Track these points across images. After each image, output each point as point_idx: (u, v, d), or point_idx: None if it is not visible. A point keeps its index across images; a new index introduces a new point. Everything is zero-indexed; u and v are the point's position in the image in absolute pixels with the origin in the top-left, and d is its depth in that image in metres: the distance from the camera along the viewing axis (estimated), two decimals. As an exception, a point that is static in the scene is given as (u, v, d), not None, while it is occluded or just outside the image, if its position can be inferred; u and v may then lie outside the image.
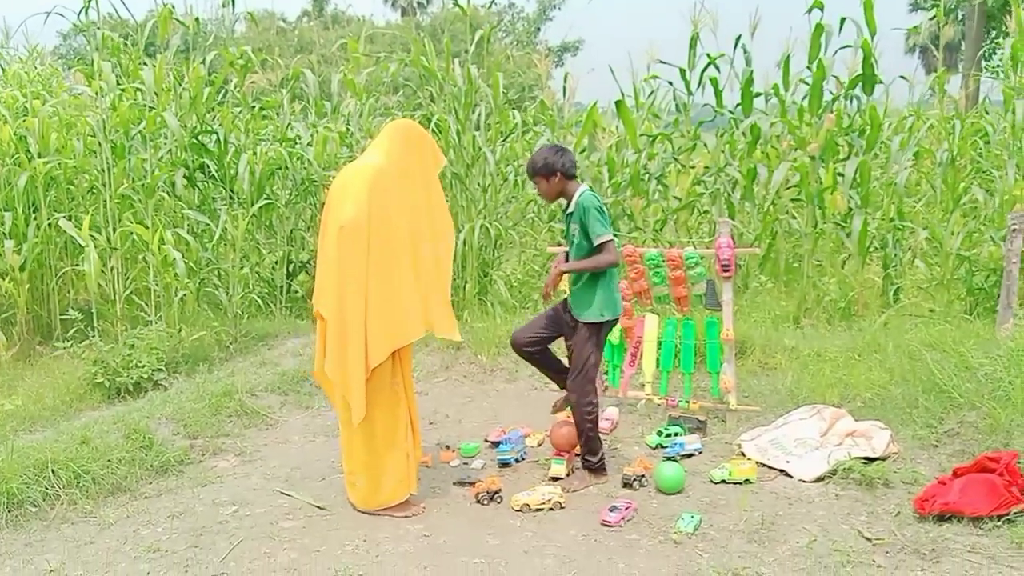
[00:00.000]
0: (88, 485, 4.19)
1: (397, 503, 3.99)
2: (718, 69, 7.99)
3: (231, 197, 7.83)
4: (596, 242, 4.12)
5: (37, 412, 5.42)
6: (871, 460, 4.30)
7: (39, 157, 7.02)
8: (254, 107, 8.80)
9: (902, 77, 9.01)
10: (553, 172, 4.17)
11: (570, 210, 4.23)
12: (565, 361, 4.51)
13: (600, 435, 4.43)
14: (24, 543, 3.74)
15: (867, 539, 3.59)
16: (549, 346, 4.54)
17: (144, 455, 4.55)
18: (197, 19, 8.00)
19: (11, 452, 4.18)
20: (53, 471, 4.14)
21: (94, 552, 3.65)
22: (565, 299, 4.45)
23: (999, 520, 3.56)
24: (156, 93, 7.34)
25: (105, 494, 4.22)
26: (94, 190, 7.46)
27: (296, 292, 8.41)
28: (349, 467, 4.05)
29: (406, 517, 3.97)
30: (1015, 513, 3.55)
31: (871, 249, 7.35)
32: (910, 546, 3.48)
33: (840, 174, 7.32)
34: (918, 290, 7.47)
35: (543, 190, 4.30)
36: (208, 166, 7.77)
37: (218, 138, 7.81)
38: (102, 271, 6.62)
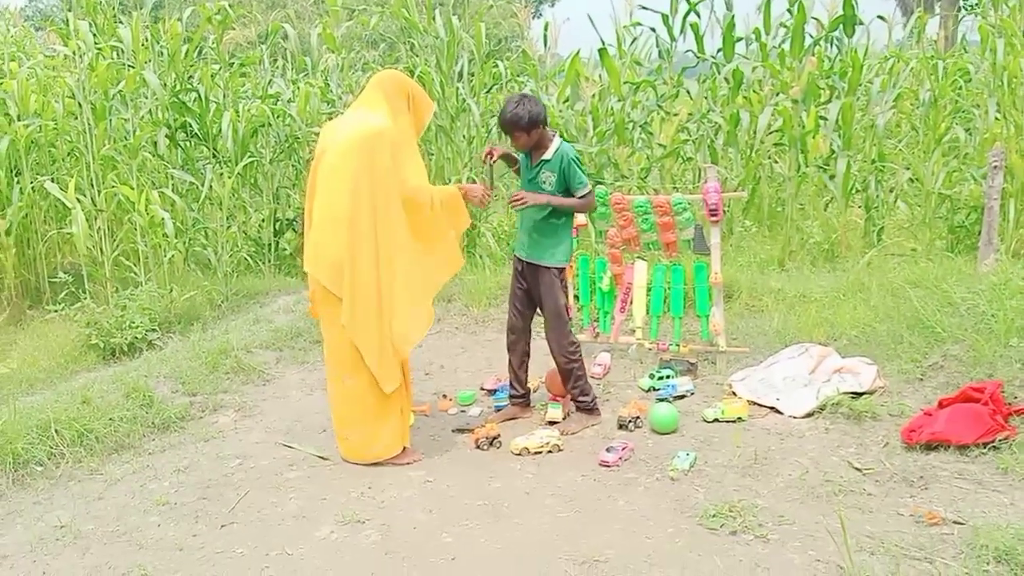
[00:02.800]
0: (92, 443, 4.25)
1: (390, 456, 4.06)
2: (698, 15, 7.96)
3: (215, 156, 7.77)
4: (579, 193, 4.24)
5: (33, 375, 5.45)
6: (859, 395, 4.42)
7: (19, 120, 6.92)
8: (232, 64, 8.68)
9: (880, 18, 9.03)
10: (538, 124, 4.12)
11: (547, 157, 4.20)
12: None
13: (589, 376, 4.56)
14: (32, 501, 3.79)
15: (857, 469, 3.71)
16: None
17: (145, 413, 4.60)
18: (171, -26, 7.85)
19: (14, 413, 4.22)
20: (56, 431, 4.18)
21: (103, 507, 3.71)
22: (516, 262, 4.48)
23: (985, 447, 3.69)
24: (134, 52, 7.22)
25: (109, 451, 4.28)
26: (75, 152, 7.38)
27: (284, 250, 8.41)
28: (340, 422, 4.09)
29: (407, 464, 4.05)
30: (1000, 440, 3.69)
31: (853, 191, 7.43)
32: (899, 474, 3.61)
33: (823, 117, 7.36)
34: (900, 230, 7.58)
35: (524, 142, 4.18)
36: (190, 125, 7.70)
37: (199, 96, 7.72)
38: (89, 233, 6.59)
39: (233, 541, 3.37)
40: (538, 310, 4.51)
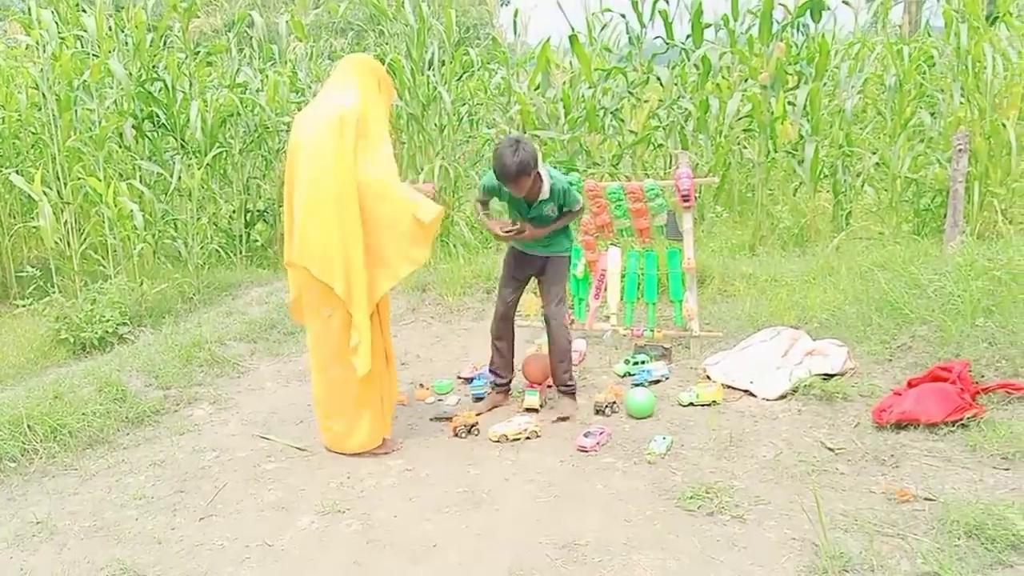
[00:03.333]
0: (66, 439, 4.20)
1: (372, 447, 4.06)
2: (667, 2, 7.99)
3: (183, 146, 7.68)
4: (574, 209, 4.40)
5: (2, 371, 5.38)
6: (830, 376, 4.50)
7: (-19, 112, 6.79)
8: (199, 53, 8.56)
9: (845, 2, 9.14)
10: (534, 168, 4.07)
11: (544, 197, 4.21)
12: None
13: None
14: (7, 498, 3.75)
15: (830, 449, 3.78)
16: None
17: (119, 407, 4.56)
18: (134, -38, 7.72)
19: (-16, 410, 4.16)
20: (29, 426, 4.13)
21: (79, 502, 3.68)
22: (515, 252, 4.53)
23: (953, 425, 3.77)
24: (98, 41, 7.10)
25: (83, 446, 4.24)
26: (40, 143, 7.25)
27: (255, 241, 8.34)
28: (324, 412, 4.08)
29: (384, 453, 4.06)
30: (968, 418, 3.77)
31: (822, 176, 7.53)
32: (870, 453, 3.68)
33: (791, 103, 7.45)
34: (868, 214, 7.70)
35: (524, 187, 4.08)
36: (157, 115, 7.59)
37: (165, 86, 7.61)
38: (56, 226, 6.48)
39: (212, 533, 3.36)
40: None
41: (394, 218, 3.84)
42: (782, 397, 4.44)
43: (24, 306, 6.11)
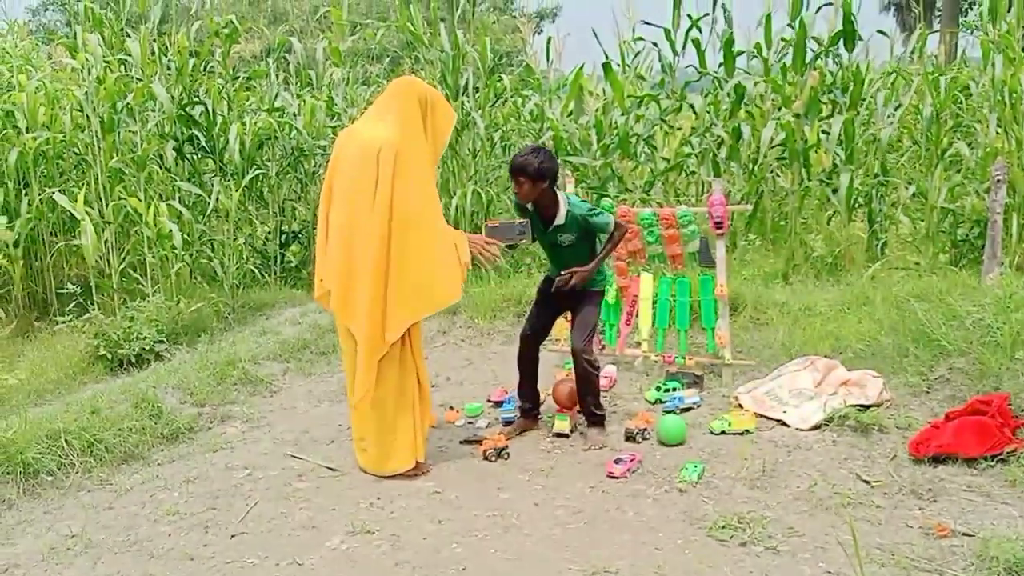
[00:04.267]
0: (101, 453, 4.26)
1: (407, 469, 4.07)
2: (700, 30, 8.03)
3: (221, 169, 7.82)
4: (608, 231, 4.32)
5: (41, 385, 5.46)
6: (865, 408, 4.44)
7: (27, 132, 6.97)
8: (239, 78, 8.75)
9: (880, 32, 9.14)
10: (544, 178, 4.08)
11: (559, 223, 4.21)
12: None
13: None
14: (43, 511, 3.80)
15: (865, 481, 3.73)
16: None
17: (154, 424, 4.62)
18: (177, -11, 7.92)
19: (24, 423, 4.23)
20: (66, 441, 4.19)
21: (113, 517, 3.72)
22: (548, 282, 4.50)
23: (992, 460, 3.70)
24: (142, 65, 7.28)
25: (119, 462, 4.29)
26: (83, 164, 7.43)
27: (290, 262, 8.44)
28: (359, 433, 4.09)
29: (415, 476, 4.06)
30: (1008, 453, 3.70)
31: (856, 205, 7.47)
32: (907, 487, 3.62)
33: (825, 132, 7.41)
34: (904, 244, 7.61)
35: (525, 191, 4.11)
36: (197, 138, 7.75)
37: (205, 109, 7.77)
38: (97, 245, 6.61)
39: (243, 551, 3.38)
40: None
41: (431, 255, 3.86)
42: (816, 427, 4.39)
43: (64, 322, 6.23)
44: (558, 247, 4.35)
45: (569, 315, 4.64)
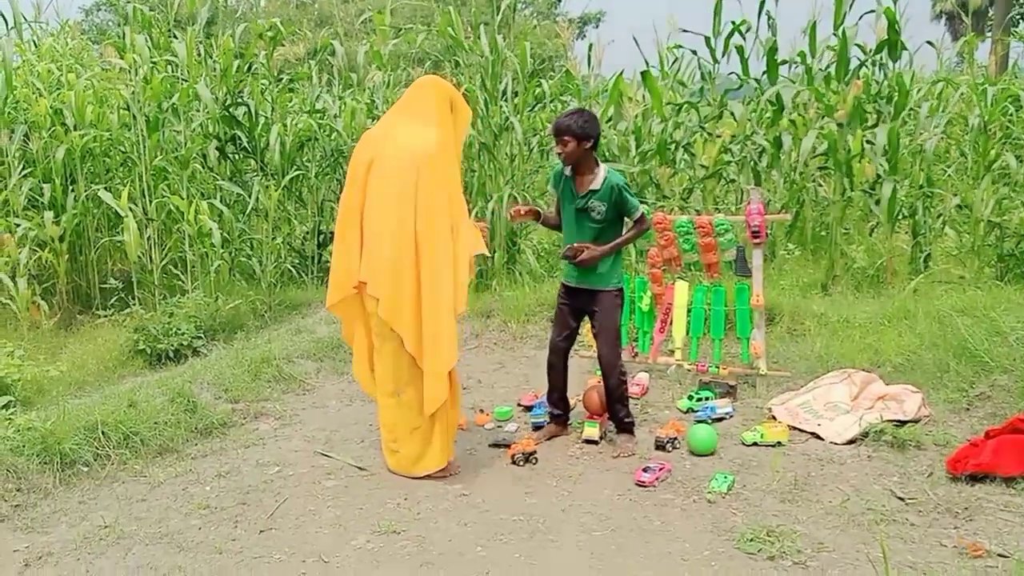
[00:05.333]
0: (137, 446, 4.33)
1: (437, 470, 4.08)
2: (743, 37, 7.95)
3: (262, 168, 7.93)
4: (634, 217, 4.26)
5: (82, 377, 5.59)
6: (902, 423, 4.35)
7: (75, 130, 7.13)
8: (281, 79, 8.86)
9: (928, 43, 8.97)
10: (588, 138, 4.12)
11: (595, 187, 4.18)
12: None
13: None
14: (78, 500, 3.87)
15: (900, 498, 3.65)
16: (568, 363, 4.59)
17: (189, 418, 4.68)
18: (225, -9, 8.07)
19: (62, 414, 4.32)
20: (103, 432, 4.27)
21: (146, 509, 3.78)
22: (565, 286, 4.47)
23: (1031, 480, 3.61)
24: (188, 66, 7.42)
25: (153, 454, 4.36)
26: (128, 162, 7.59)
27: (326, 262, 8.51)
28: (391, 435, 4.10)
29: (443, 477, 4.07)
30: (1048, 473, 3.60)
31: (900, 216, 7.33)
32: (943, 505, 3.54)
33: (869, 141, 7.29)
34: (948, 257, 7.45)
35: (569, 150, 4.12)
36: (239, 138, 7.87)
37: (248, 110, 7.89)
38: (140, 242, 6.75)
39: (271, 547, 3.42)
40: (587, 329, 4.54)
41: (456, 258, 3.89)
42: (851, 442, 4.31)
43: (106, 316, 6.37)
44: (583, 222, 4.24)
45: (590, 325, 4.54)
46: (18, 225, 6.63)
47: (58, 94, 7.31)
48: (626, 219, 4.33)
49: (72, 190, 7.18)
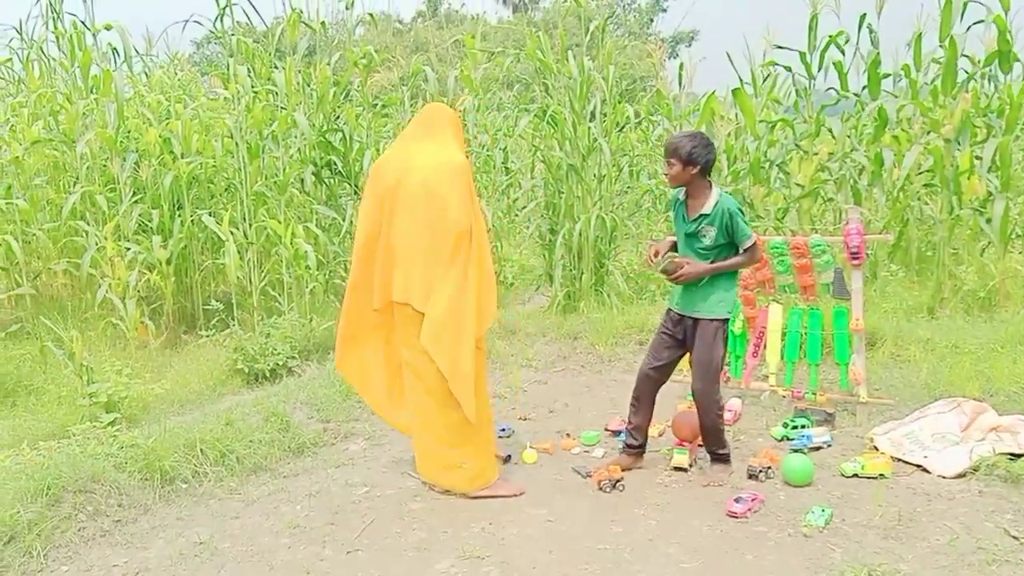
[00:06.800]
0: (233, 464, 4.46)
1: (494, 481, 4.15)
2: (843, 52, 7.70)
3: (356, 192, 8.12)
4: (745, 245, 4.08)
5: (184, 395, 5.81)
6: (1017, 456, 4.07)
7: (182, 158, 7.47)
8: (375, 105, 9.08)
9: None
10: (694, 164, 4.01)
11: (706, 211, 4.05)
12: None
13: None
14: (176, 517, 4.00)
15: (1014, 538, 3.41)
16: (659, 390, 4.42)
17: (282, 437, 4.80)
18: (323, 23, 8.32)
19: (164, 432, 4.49)
20: (201, 450, 4.42)
21: (239, 527, 3.88)
22: (669, 313, 4.32)
23: None
24: (287, 94, 7.69)
25: (248, 472, 4.48)
26: (231, 188, 7.90)
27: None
28: (455, 453, 4.09)
29: (515, 496, 4.09)
30: None
31: (1013, 236, 6.93)
32: (1063, 546, 3.29)
33: (978, 157, 6.93)
34: (1067, 279, 6.99)
35: (674, 174, 4.05)
36: (335, 163, 8.09)
37: (343, 136, 8.11)
38: (240, 264, 7.00)
39: (357, 568, 3.45)
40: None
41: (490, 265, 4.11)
42: (961, 475, 4.06)
43: (208, 336, 6.62)
44: (694, 247, 4.12)
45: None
46: (128, 248, 6.96)
47: (166, 124, 7.68)
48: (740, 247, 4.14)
49: (179, 215, 7.51)
